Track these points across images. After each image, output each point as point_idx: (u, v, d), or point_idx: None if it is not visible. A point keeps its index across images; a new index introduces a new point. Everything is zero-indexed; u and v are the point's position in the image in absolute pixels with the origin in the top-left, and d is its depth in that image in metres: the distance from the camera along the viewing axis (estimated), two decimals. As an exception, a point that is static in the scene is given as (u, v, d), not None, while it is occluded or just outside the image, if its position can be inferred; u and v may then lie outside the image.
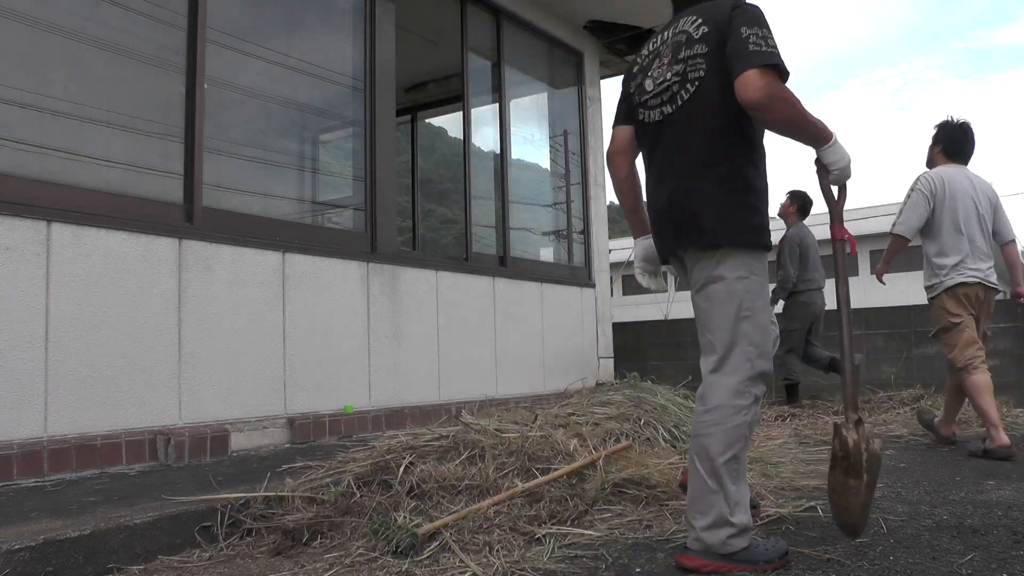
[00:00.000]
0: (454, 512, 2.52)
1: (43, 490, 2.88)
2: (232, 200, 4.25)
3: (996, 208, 4.27)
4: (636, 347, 7.95)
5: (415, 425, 4.66)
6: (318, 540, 2.45)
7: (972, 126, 4.33)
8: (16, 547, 2.04)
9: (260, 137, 4.82)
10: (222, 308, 3.86)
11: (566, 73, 7.29)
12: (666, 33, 2.32)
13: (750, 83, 2.01)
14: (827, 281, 5.88)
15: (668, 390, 4.36)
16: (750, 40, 2.04)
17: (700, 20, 2.19)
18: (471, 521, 2.47)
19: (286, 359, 4.17)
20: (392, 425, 4.65)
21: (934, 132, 4.41)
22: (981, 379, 3.98)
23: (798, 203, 6.44)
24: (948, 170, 4.26)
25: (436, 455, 3.00)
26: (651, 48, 2.37)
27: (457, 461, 2.93)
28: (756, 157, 2.21)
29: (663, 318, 11.86)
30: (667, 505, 2.74)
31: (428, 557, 2.24)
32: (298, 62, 4.72)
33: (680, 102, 2.19)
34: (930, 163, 4.42)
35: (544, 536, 2.41)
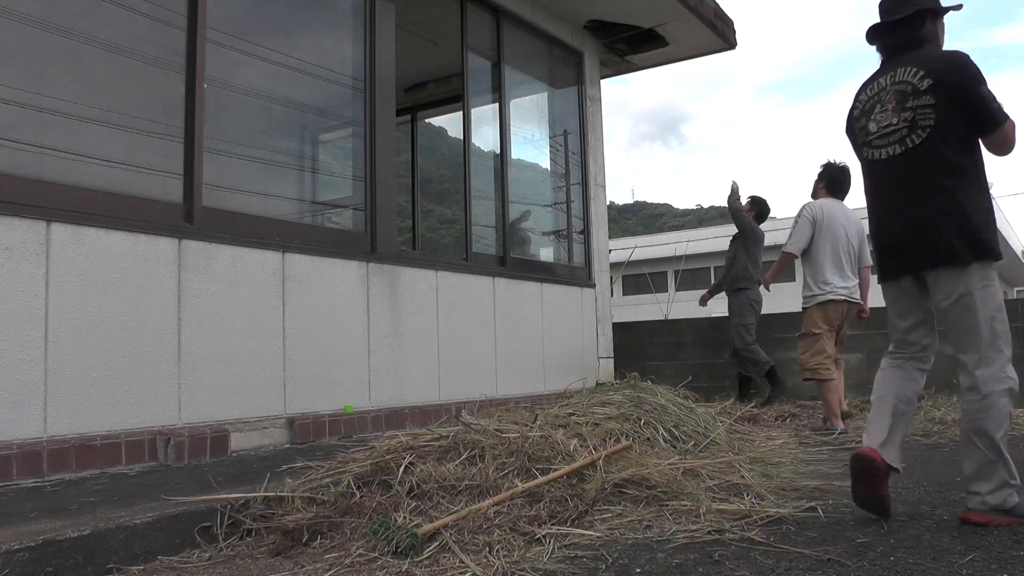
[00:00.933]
0: (454, 512, 2.52)
1: (43, 490, 2.88)
2: (232, 200, 4.25)
3: (861, 238, 5.18)
4: (636, 347, 7.94)
5: (415, 425, 4.66)
6: (318, 540, 2.45)
7: (850, 169, 5.26)
8: (15, 547, 2.04)
9: (260, 137, 4.81)
10: (222, 308, 3.86)
11: (566, 73, 7.29)
12: (883, 80, 2.74)
13: (1004, 138, 2.59)
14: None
15: (668, 390, 4.34)
16: (992, 99, 2.56)
17: (921, 72, 2.61)
18: (471, 521, 2.46)
19: (286, 359, 4.16)
20: (392, 425, 4.65)
21: (820, 170, 5.33)
22: (826, 386, 5.04)
23: (757, 208, 6.87)
24: (828, 203, 5.17)
25: (436, 455, 3.00)
26: (869, 94, 2.79)
27: (457, 461, 2.93)
28: (982, 185, 2.63)
29: (663, 318, 11.85)
30: (667, 505, 2.73)
31: (428, 557, 2.24)
32: (298, 62, 4.72)
33: (911, 144, 2.62)
34: (814, 195, 5.37)
35: (544, 536, 2.41)
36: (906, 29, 2.72)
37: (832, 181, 5.25)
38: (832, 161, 5.31)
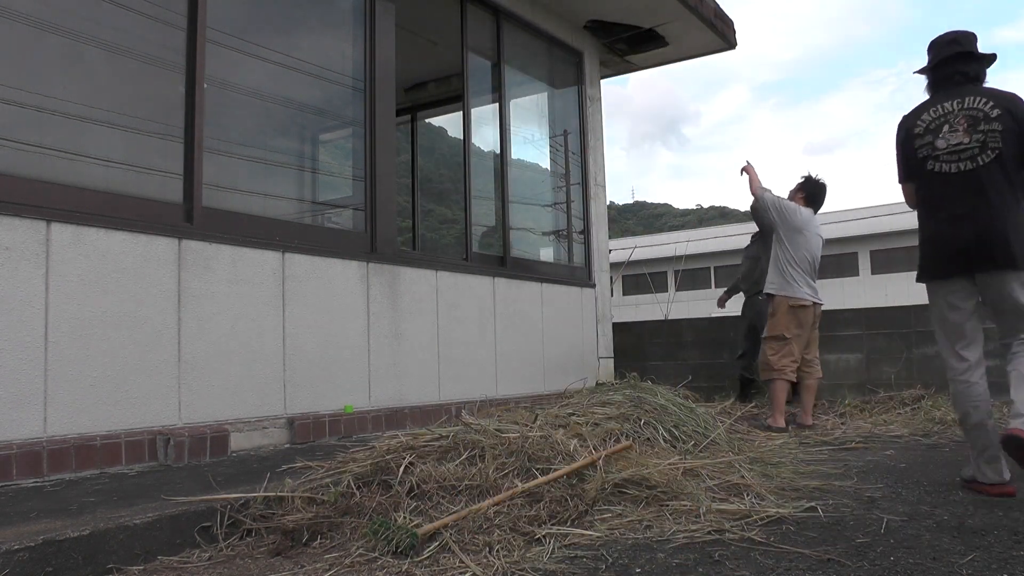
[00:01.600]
0: (454, 512, 2.52)
1: (42, 490, 2.88)
2: (232, 200, 4.25)
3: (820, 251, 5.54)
4: (636, 347, 7.94)
5: (415, 425, 4.66)
6: (318, 540, 2.45)
7: (827, 185, 5.61)
8: (15, 547, 2.04)
9: (260, 137, 4.82)
10: (222, 308, 3.86)
11: (566, 73, 7.29)
12: (948, 105, 3.10)
13: None
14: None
15: (668, 390, 4.35)
16: None
17: (991, 102, 3.01)
18: (471, 521, 2.46)
19: (286, 359, 4.16)
20: (392, 425, 4.65)
21: (800, 182, 5.62)
22: (783, 385, 5.25)
23: None
24: (808, 212, 5.49)
25: (436, 455, 3.00)
26: (934, 115, 3.13)
27: (457, 461, 2.93)
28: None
29: (663, 318, 11.85)
30: (667, 505, 2.73)
31: (428, 557, 2.24)
32: (298, 62, 4.72)
33: (981, 162, 3.00)
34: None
35: (544, 536, 2.41)
36: (982, 64, 3.17)
37: (811, 194, 5.53)
38: (812, 176, 5.59)
